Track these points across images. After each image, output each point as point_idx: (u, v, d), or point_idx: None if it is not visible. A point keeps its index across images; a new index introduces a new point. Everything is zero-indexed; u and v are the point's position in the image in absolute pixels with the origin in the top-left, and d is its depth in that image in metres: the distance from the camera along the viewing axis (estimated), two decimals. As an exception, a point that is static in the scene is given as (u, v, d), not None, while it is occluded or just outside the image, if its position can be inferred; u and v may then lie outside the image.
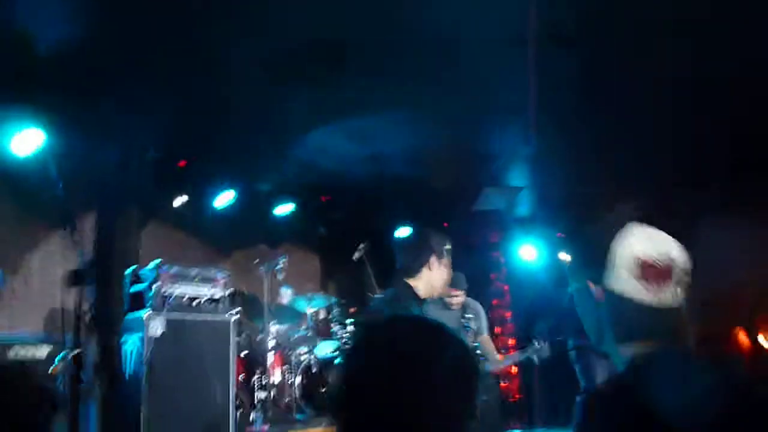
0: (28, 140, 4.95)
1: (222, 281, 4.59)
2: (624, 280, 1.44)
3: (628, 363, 1.42)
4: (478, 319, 5.69)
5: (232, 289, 4.70)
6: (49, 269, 5.44)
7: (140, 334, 4.13)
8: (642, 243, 1.46)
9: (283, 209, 6.92)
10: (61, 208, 5.50)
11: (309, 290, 7.12)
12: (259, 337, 5.71)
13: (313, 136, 6.12)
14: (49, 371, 3.65)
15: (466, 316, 5.05)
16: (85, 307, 5.59)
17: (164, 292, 4.25)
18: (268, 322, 5.70)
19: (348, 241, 6.68)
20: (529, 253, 8.54)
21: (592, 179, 7.75)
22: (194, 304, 4.43)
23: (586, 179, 7.76)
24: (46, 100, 4.96)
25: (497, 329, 9.22)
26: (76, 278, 5.65)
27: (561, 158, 7.27)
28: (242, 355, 5.73)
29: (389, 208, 7.81)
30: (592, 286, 3.12)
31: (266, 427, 5.02)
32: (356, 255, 6.40)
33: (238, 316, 4.68)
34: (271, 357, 5.74)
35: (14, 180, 5.07)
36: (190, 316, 4.34)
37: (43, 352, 3.77)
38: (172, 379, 4.15)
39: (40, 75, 4.83)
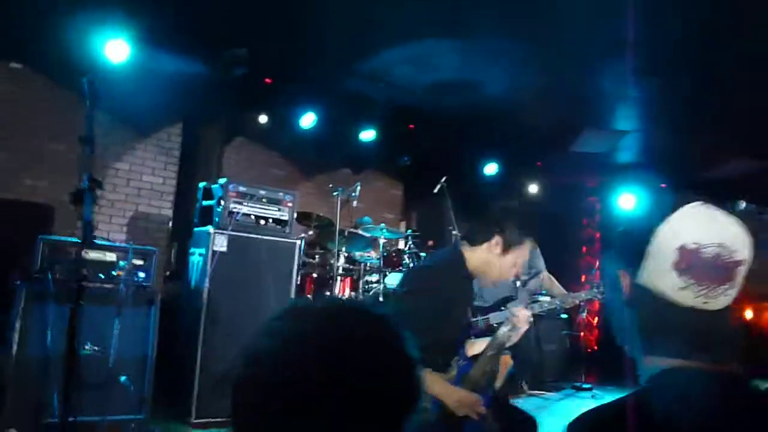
0: (118, 49, 5.06)
1: (289, 203, 4.58)
2: (661, 274, 1.07)
3: (648, 382, 1.08)
4: (536, 258, 5.43)
5: (296, 211, 4.68)
6: (137, 177, 5.68)
7: (205, 249, 4.23)
8: (696, 227, 1.07)
9: (367, 135, 6.79)
10: (151, 117, 5.72)
11: (388, 219, 7.07)
12: (331, 260, 5.74)
13: (403, 56, 5.89)
14: (113, 273, 3.83)
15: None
16: (168, 215, 5.88)
17: (231, 209, 4.30)
18: (341, 247, 5.70)
19: (432, 172, 6.50)
20: (628, 201, 8.01)
21: (704, 129, 7.06)
22: (260, 223, 4.46)
23: (697, 129, 7.07)
24: (136, 10, 5.01)
25: (583, 277, 8.86)
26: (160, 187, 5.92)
27: (671, 104, 6.65)
28: (314, 275, 5.82)
29: (478, 141, 7.50)
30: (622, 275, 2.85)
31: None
32: (437, 188, 6.23)
33: (303, 239, 4.68)
34: (339, 281, 5.78)
35: (105, 87, 5.22)
36: (255, 235, 4.38)
37: (112, 256, 3.94)
38: (233, 294, 4.25)
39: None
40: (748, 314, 6.49)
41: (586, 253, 8.84)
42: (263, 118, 6.17)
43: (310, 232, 5.98)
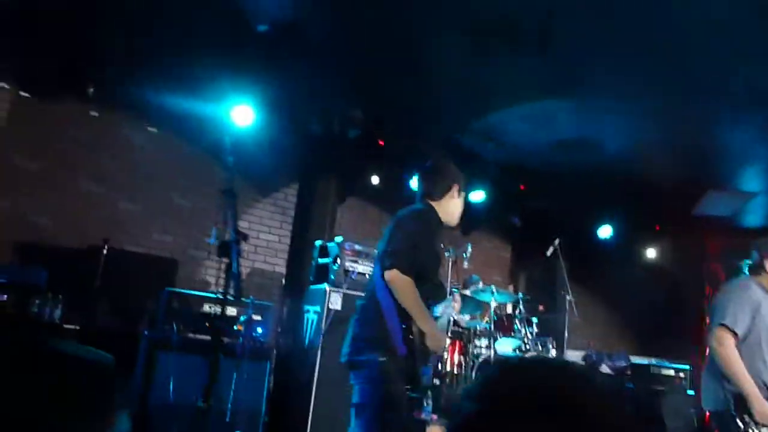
0: (244, 114, 5.36)
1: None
2: None
3: None
4: None
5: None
6: (255, 235, 5.89)
7: (320, 306, 4.27)
8: None
9: (477, 196, 6.74)
10: (269, 177, 5.96)
11: (497, 282, 6.90)
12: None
13: (519, 115, 5.88)
14: (234, 327, 3.93)
15: None
16: (282, 272, 6.03)
17: (347, 267, 4.34)
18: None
19: (543, 234, 6.33)
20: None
21: None
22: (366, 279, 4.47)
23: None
24: (258, 76, 5.30)
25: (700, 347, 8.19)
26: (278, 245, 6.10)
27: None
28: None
29: (591, 203, 7.25)
30: None
31: (435, 417, 4.95)
32: (550, 250, 6.05)
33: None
34: (448, 345, 5.65)
35: (233, 150, 5.51)
36: (361, 293, 4.40)
37: (233, 310, 4.06)
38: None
39: (253, 51, 5.18)
40: None
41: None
42: (375, 179, 6.27)
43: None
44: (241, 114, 5.37)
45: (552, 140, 6.32)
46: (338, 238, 4.46)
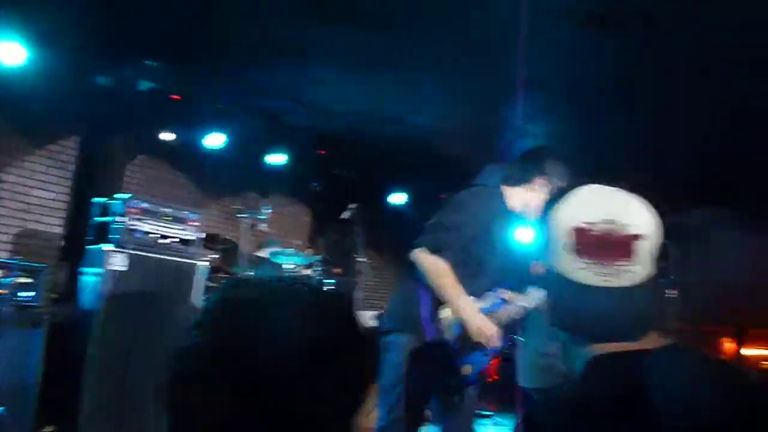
0: (12, 52, 4.71)
1: (194, 223, 4.38)
2: (561, 257, 1.05)
3: (581, 373, 1.05)
4: None
5: (203, 232, 4.48)
6: (26, 189, 5.25)
7: (100, 268, 3.94)
8: (587, 207, 1.07)
9: (276, 158, 6.67)
10: (45, 127, 5.34)
11: (297, 246, 6.93)
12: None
13: (318, 84, 5.87)
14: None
15: None
16: (59, 233, 5.47)
17: (131, 227, 4.04)
18: (244, 272, 5.51)
19: (342, 199, 6.45)
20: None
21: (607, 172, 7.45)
22: (163, 243, 4.22)
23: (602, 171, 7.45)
24: (34, 11, 4.70)
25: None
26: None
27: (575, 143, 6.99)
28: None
29: (388, 170, 7.56)
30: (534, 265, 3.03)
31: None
32: (345, 214, 6.18)
33: (208, 261, 4.47)
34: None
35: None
36: (156, 255, 4.14)
37: (-6, 273, 3.59)
38: (129, 317, 3.97)
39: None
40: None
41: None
42: (169, 136, 5.90)
43: (216, 256, 5.75)
44: (9, 52, 4.71)
45: (358, 110, 6.44)
46: (122, 195, 4.13)
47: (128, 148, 5.81)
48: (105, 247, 3.98)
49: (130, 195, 4.13)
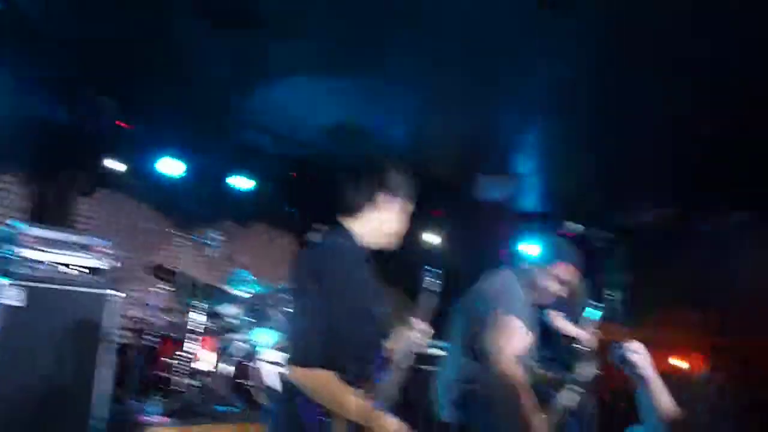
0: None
1: (103, 250, 4.08)
2: None
3: None
4: None
5: (115, 260, 4.17)
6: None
7: (-6, 303, 3.69)
8: None
9: (243, 183, 6.39)
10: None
11: (277, 274, 6.57)
12: (186, 317, 5.18)
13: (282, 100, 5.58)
14: None
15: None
16: None
17: (25, 256, 3.78)
18: (193, 303, 5.18)
19: (323, 220, 6.06)
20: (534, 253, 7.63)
21: (606, 175, 6.79)
22: (65, 273, 3.93)
23: (597, 174, 6.81)
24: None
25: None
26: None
27: (566, 146, 6.40)
28: (173, 335, 5.28)
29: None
30: None
31: (165, 419, 4.51)
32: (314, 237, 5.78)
33: (116, 293, 4.13)
34: (197, 341, 5.22)
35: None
36: (56, 287, 3.85)
37: None
38: (26, 355, 3.68)
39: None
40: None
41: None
42: (121, 166, 5.70)
43: (170, 288, 5.47)
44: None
45: (322, 126, 6.09)
46: (14, 222, 3.88)
47: (81, 182, 5.64)
48: (2, 280, 3.73)
49: (19, 222, 3.88)
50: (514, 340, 2.85)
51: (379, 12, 4.12)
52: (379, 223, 2.25)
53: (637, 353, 2.06)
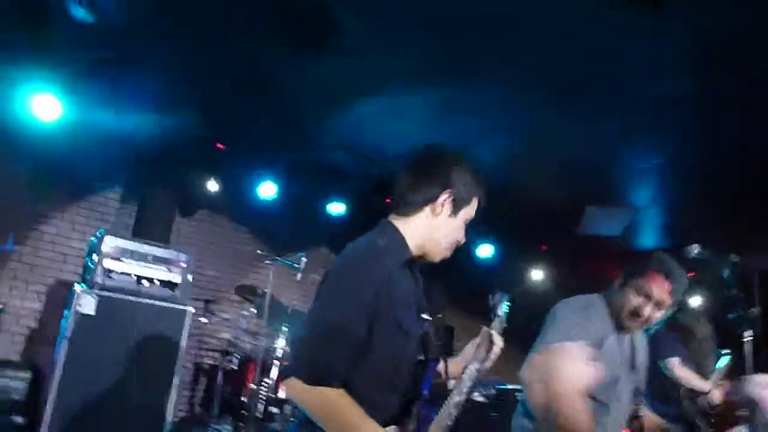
0: (48, 106, 4.82)
1: (183, 263, 3.99)
2: None
3: None
4: None
5: (191, 274, 4.06)
6: (65, 240, 5.28)
7: (69, 309, 3.67)
8: None
9: (337, 208, 6.24)
10: (84, 179, 5.40)
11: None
12: (275, 343, 4.99)
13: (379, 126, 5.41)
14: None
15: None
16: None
17: (105, 266, 3.75)
18: (283, 328, 5.00)
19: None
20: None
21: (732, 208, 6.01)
22: (144, 285, 3.87)
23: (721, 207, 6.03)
24: (70, 64, 4.80)
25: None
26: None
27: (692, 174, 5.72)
28: (260, 360, 5.11)
29: (472, 221, 6.74)
30: None
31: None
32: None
33: (193, 308, 4.00)
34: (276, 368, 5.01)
35: (34, 144, 4.93)
36: (134, 298, 3.79)
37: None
38: (97, 364, 3.62)
39: (63, 39, 4.68)
40: None
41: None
42: (213, 186, 5.70)
43: (253, 310, 5.33)
44: (43, 106, 4.83)
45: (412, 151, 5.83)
46: (100, 231, 3.87)
47: (174, 199, 5.68)
48: (78, 288, 3.72)
49: (104, 231, 3.87)
50: (568, 369, 2.26)
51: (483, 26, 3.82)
52: (433, 229, 1.88)
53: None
